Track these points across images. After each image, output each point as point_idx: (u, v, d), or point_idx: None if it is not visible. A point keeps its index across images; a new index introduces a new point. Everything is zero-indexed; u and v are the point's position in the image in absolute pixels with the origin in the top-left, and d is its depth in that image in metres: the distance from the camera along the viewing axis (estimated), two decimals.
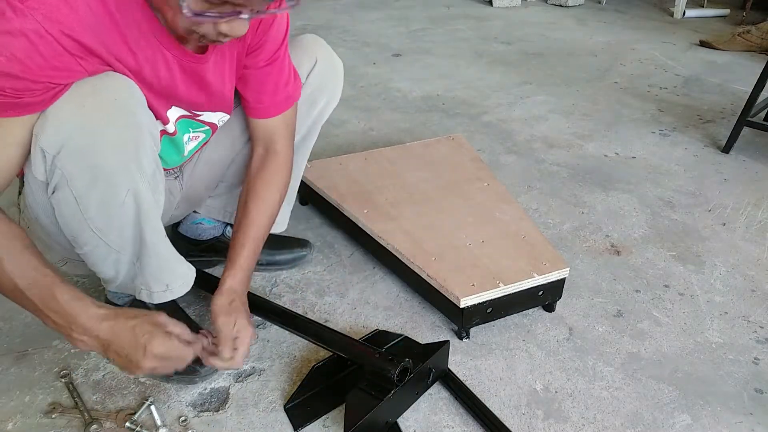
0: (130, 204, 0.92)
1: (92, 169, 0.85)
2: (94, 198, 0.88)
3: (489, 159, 2.04)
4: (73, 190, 0.87)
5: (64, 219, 0.92)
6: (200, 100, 1.02)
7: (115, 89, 0.85)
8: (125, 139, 0.86)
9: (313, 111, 1.26)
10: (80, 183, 0.86)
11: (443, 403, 1.11)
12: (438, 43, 3.38)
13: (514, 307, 1.28)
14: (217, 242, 1.43)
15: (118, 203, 0.90)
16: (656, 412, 1.11)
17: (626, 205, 1.80)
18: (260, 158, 1.17)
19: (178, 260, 1.08)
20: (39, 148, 0.82)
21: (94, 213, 0.90)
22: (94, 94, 0.82)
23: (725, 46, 3.39)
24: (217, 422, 1.05)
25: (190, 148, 1.12)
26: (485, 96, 2.63)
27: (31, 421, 1.04)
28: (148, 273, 1.03)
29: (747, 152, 2.15)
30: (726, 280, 1.48)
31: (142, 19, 0.84)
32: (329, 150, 2.03)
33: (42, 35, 0.73)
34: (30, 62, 0.74)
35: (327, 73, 1.22)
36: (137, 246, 0.99)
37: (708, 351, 1.26)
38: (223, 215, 1.39)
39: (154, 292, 1.06)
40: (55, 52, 0.76)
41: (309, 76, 1.20)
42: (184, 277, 1.09)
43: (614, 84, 2.82)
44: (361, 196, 1.52)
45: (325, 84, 1.23)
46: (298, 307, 1.33)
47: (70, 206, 0.89)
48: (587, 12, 4.24)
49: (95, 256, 0.99)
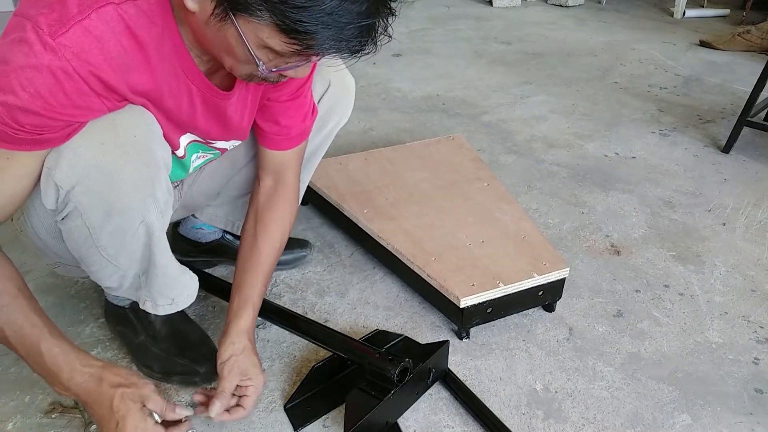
0: (142, 232, 0.92)
1: (108, 206, 0.85)
2: (106, 230, 0.88)
3: (489, 159, 2.04)
4: (87, 222, 0.86)
5: (74, 243, 0.92)
6: (217, 132, 1.01)
7: (133, 125, 0.83)
8: (143, 177, 0.86)
9: (324, 130, 1.24)
10: (94, 216, 0.86)
11: (443, 403, 1.11)
12: (438, 43, 3.38)
13: (514, 307, 1.28)
14: (217, 245, 1.43)
15: (131, 233, 0.91)
16: (656, 412, 1.11)
17: (626, 205, 1.80)
18: (269, 190, 1.14)
19: (183, 274, 1.07)
20: (53, 182, 0.81)
21: (106, 242, 0.91)
22: (113, 130, 0.81)
23: (725, 46, 3.39)
24: (217, 422, 1.05)
25: (195, 166, 1.11)
26: (485, 96, 2.63)
27: (31, 421, 1.04)
28: (155, 288, 1.04)
29: (747, 152, 2.15)
30: (726, 280, 1.48)
31: (172, 53, 0.82)
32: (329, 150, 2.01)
33: (69, 74, 0.71)
34: (53, 100, 0.72)
35: (340, 94, 1.20)
36: (145, 264, 0.99)
37: (708, 351, 1.26)
38: (224, 224, 1.38)
39: (160, 305, 1.07)
40: (80, 92, 0.74)
41: (321, 100, 1.18)
42: (189, 288, 1.09)
43: (614, 84, 2.82)
44: (361, 196, 1.52)
45: (337, 105, 1.21)
46: (298, 307, 1.33)
47: (82, 234, 0.89)
48: (587, 12, 4.24)
49: (100, 273, 0.99)
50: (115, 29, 0.74)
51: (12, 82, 0.70)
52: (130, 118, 0.83)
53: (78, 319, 1.26)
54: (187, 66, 0.85)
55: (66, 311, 1.27)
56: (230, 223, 1.38)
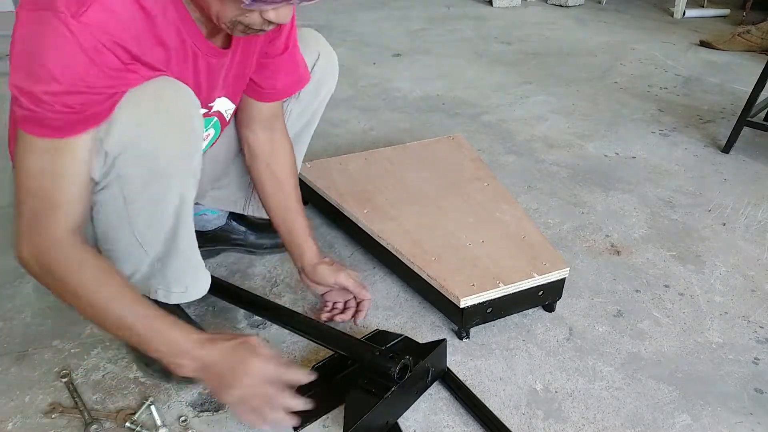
0: (173, 209, 0.95)
1: (149, 172, 0.89)
2: (142, 200, 0.92)
3: (489, 159, 2.04)
4: (124, 190, 0.90)
5: (105, 216, 0.94)
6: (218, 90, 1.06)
7: (177, 96, 0.88)
8: (184, 147, 0.91)
9: (316, 101, 1.31)
10: (134, 184, 0.89)
11: (443, 403, 1.11)
12: (438, 43, 3.38)
13: (514, 307, 1.28)
14: (221, 231, 1.46)
15: (164, 207, 0.94)
16: (656, 412, 1.11)
17: (626, 205, 1.80)
18: (267, 140, 1.21)
19: (200, 264, 1.11)
20: (103, 150, 0.85)
21: (138, 213, 0.93)
22: (159, 100, 0.86)
23: (725, 46, 3.39)
24: (217, 422, 1.05)
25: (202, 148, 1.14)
26: (485, 96, 2.63)
27: (31, 421, 1.04)
28: (171, 273, 1.05)
29: (747, 152, 2.15)
30: (726, 280, 1.48)
31: (177, 19, 0.87)
32: (329, 150, 2.03)
33: (99, 49, 0.77)
34: (91, 77, 0.77)
35: (328, 66, 1.27)
36: (167, 247, 1.01)
37: (708, 351, 1.26)
38: (227, 205, 1.42)
39: (173, 292, 1.09)
40: (112, 63, 0.79)
41: (314, 69, 1.25)
42: (202, 280, 1.12)
43: (614, 84, 2.83)
44: (361, 196, 1.52)
45: (326, 76, 1.28)
46: (298, 307, 1.33)
47: (117, 204, 0.91)
48: (587, 12, 4.24)
49: (121, 253, 1.01)
50: (126, 3, 0.79)
51: (52, 70, 0.75)
52: (173, 89, 0.88)
53: (78, 319, 1.26)
54: (191, 29, 0.90)
55: (66, 311, 1.27)
56: (233, 203, 1.42)
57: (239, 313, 1.29)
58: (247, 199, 1.41)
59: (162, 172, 0.90)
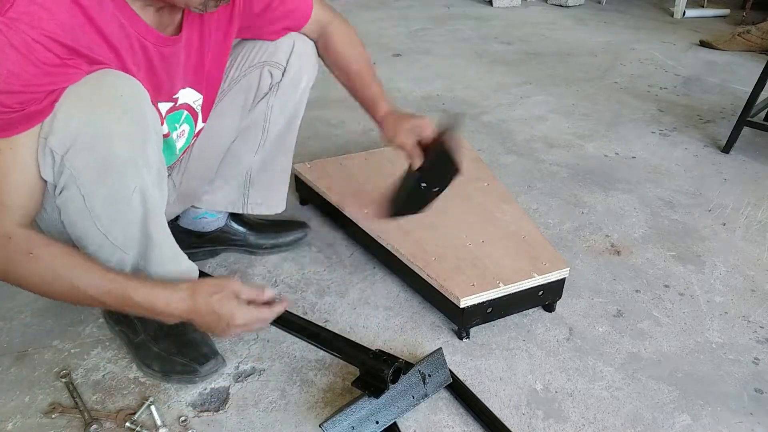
0: (137, 200, 0.93)
1: (101, 162, 0.86)
2: (101, 194, 0.89)
3: (489, 159, 2.04)
4: (81, 188, 0.88)
5: (70, 218, 0.92)
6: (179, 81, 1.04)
7: (119, 85, 0.86)
8: (133, 132, 0.87)
9: (297, 91, 1.30)
10: (88, 179, 0.87)
11: (443, 403, 1.11)
12: (438, 43, 3.38)
13: (514, 307, 1.28)
14: (221, 233, 1.46)
15: (125, 199, 0.92)
16: (656, 412, 1.11)
17: (626, 205, 1.80)
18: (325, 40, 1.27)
19: (182, 257, 1.09)
20: (48, 149, 0.83)
21: (101, 210, 0.91)
22: (100, 90, 0.84)
23: (725, 46, 3.39)
24: (217, 422, 1.05)
25: (180, 146, 1.14)
26: (485, 96, 2.63)
27: (31, 421, 1.04)
28: (153, 271, 1.04)
29: (747, 152, 2.15)
30: (726, 280, 1.48)
31: (116, 12, 0.85)
32: (329, 150, 2.03)
33: (29, 44, 0.74)
34: (26, 74, 0.75)
35: (304, 52, 1.27)
36: (143, 245, 1.00)
37: (708, 351, 1.26)
38: (225, 206, 1.42)
39: None
40: (46, 59, 0.77)
41: (290, 58, 1.25)
42: (189, 274, 1.10)
43: (614, 84, 2.83)
44: (361, 196, 1.52)
45: (305, 64, 1.28)
46: (298, 307, 1.33)
47: (77, 204, 0.90)
48: (587, 12, 4.24)
49: (100, 255, 0.99)
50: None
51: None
52: (115, 79, 0.86)
53: (78, 319, 1.26)
54: (134, 21, 0.88)
55: (66, 311, 1.27)
56: (230, 204, 1.41)
57: None
58: (245, 198, 1.41)
59: (113, 162, 0.87)
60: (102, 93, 0.84)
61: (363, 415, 0.99)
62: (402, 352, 1.22)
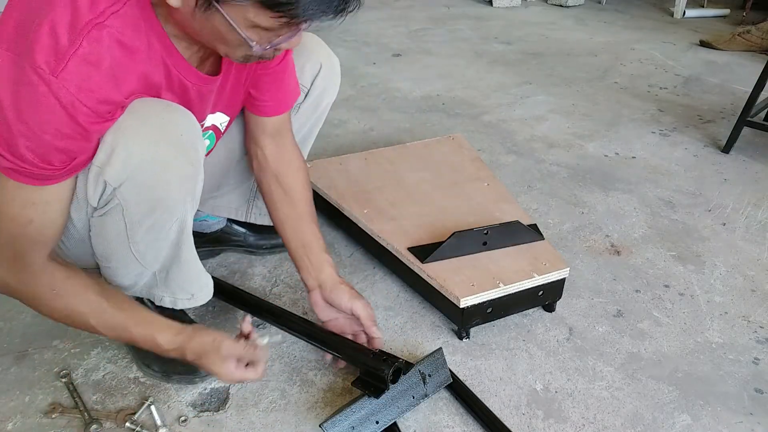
0: (176, 229, 0.95)
1: (154, 202, 0.88)
2: (145, 225, 0.91)
3: (489, 159, 2.04)
4: (126, 218, 0.89)
5: (105, 239, 0.94)
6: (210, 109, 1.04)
7: (180, 124, 0.87)
8: (188, 174, 0.89)
9: (318, 109, 1.29)
10: (137, 212, 0.88)
11: (443, 403, 1.11)
12: (438, 43, 3.38)
13: (514, 307, 1.28)
14: (221, 233, 1.46)
15: (166, 230, 0.93)
16: (656, 412, 1.11)
17: (626, 205, 1.80)
18: (275, 152, 1.18)
19: (202, 271, 1.11)
20: (102, 180, 0.84)
21: (140, 238, 0.93)
22: (163, 128, 0.84)
23: (725, 46, 3.38)
24: (217, 422, 1.05)
25: None
26: (485, 96, 2.63)
27: (31, 421, 1.04)
28: (175, 284, 1.07)
29: (747, 152, 2.15)
30: (726, 280, 1.48)
31: (162, 51, 0.84)
32: (329, 150, 2.03)
33: (77, 107, 0.75)
34: (72, 132, 0.76)
35: (329, 75, 1.25)
36: (168, 263, 1.02)
37: (708, 351, 1.26)
38: (228, 212, 1.41)
39: (179, 299, 1.10)
40: (92, 120, 0.77)
41: (315, 81, 1.23)
42: (207, 286, 1.13)
43: (614, 84, 2.82)
44: (361, 196, 1.51)
45: (329, 86, 1.26)
46: (298, 307, 1.33)
47: (117, 229, 0.91)
48: (587, 12, 4.24)
49: (121, 270, 1.01)
50: (109, 46, 0.76)
51: (33, 129, 0.74)
52: (177, 117, 0.86)
53: None
54: (178, 63, 0.88)
55: None
56: (233, 210, 1.41)
57: (239, 313, 1.29)
58: (249, 206, 1.40)
59: (166, 202, 0.89)
60: (165, 132, 0.84)
61: (363, 415, 1.00)
62: (402, 352, 1.22)
